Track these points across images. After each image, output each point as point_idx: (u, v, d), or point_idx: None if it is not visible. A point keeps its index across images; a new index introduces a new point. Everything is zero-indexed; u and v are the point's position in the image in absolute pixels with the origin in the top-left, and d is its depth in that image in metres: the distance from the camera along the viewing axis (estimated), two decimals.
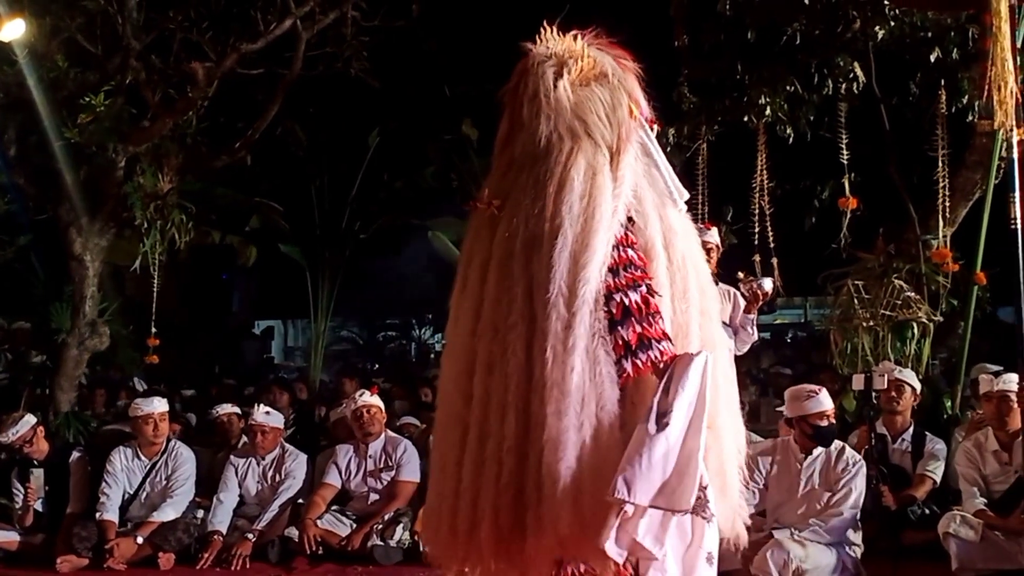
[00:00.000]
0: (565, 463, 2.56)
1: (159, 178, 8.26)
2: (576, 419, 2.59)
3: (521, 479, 2.64)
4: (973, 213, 7.71)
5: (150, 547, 6.27)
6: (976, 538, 5.30)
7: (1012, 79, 4.75)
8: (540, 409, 2.61)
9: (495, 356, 2.71)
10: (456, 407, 2.80)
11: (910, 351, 7.30)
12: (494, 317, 2.74)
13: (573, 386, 2.59)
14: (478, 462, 2.69)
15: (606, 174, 2.79)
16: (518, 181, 2.86)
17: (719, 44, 8.28)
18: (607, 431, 2.63)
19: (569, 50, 2.94)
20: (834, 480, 5.35)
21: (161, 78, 8.55)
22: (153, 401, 6.67)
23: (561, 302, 2.63)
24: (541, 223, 2.72)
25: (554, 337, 2.62)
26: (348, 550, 6.18)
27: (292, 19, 8.32)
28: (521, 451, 2.64)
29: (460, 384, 2.80)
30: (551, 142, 2.83)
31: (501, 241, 2.79)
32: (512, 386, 2.66)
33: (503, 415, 2.66)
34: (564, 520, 2.56)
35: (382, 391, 7.74)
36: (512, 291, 2.72)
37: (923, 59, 7.61)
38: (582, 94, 2.87)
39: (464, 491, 2.71)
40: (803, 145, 8.35)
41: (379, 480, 6.52)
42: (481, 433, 2.71)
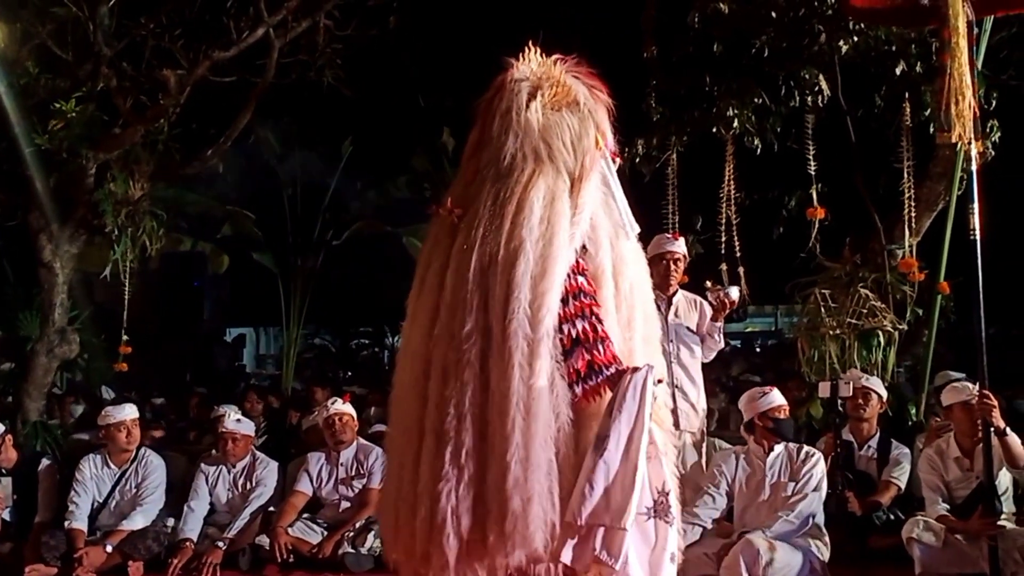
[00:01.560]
0: (535, 481, 2.63)
1: (130, 185, 8.23)
2: (543, 438, 2.66)
3: (480, 486, 2.70)
4: (937, 224, 7.85)
5: (119, 556, 6.22)
6: (939, 543, 5.38)
7: (969, 93, 4.87)
8: (500, 422, 2.67)
9: (450, 362, 2.77)
10: (413, 409, 2.86)
11: (876, 359, 7.41)
12: (450, 324, 2.80)
13: (541, 407, 2.67)
14: (436, 466, 2.73)
15: (565, 200, 2.86)
16: (480, 193, 2.92)
17: (688, 56, 8.37)
18: (565, 451, 2.72)
19: (547, 74, 3.02)
20: (796, 470, 5.46)
21: (133, 85, 8.52)
22: (124, 408, 6.63)
23: (526, 323, 2.70)
24: (498, 241, 2.79)
25: (521, 356, 2.68)
26: (319, 558, 6.17)
27: (265, 27, 8.32)
28: (480, 458, 2.70)
29: (417, 387, 2.86)
30: (515, 160, 2.90)
31: (459, 251, 2.86)
32: (469, 394, 2.73)
33: (460, 421, 2.72)
34: (538, 537, 2.63)
35: (356, 397, 7.76)
36: (468, 302, 2.78)
37: (888, 72, 7.74)
38: (552, 118, 2.95)
39: (422, 493, 2.75)
40: (771, 156, 8.45)
41: (351, 488, 6.53)
42: (438, 437, 2.75)
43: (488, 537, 2.68)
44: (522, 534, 2.63)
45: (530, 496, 2.63)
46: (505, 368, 2.69)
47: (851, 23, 7.44)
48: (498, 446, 2.67)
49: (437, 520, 2.71)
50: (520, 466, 2.63)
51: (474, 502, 2.70)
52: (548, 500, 2.66)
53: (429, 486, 2.74)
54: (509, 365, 2.68)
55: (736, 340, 22.48)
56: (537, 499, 2.63)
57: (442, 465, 2.72)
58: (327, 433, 6.60)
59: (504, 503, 2.64)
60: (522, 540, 2.63)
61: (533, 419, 2.66)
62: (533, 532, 2.63)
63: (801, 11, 7.76)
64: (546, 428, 2.67)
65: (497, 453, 2.67)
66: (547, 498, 2.66)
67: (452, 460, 2.71)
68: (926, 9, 5.30)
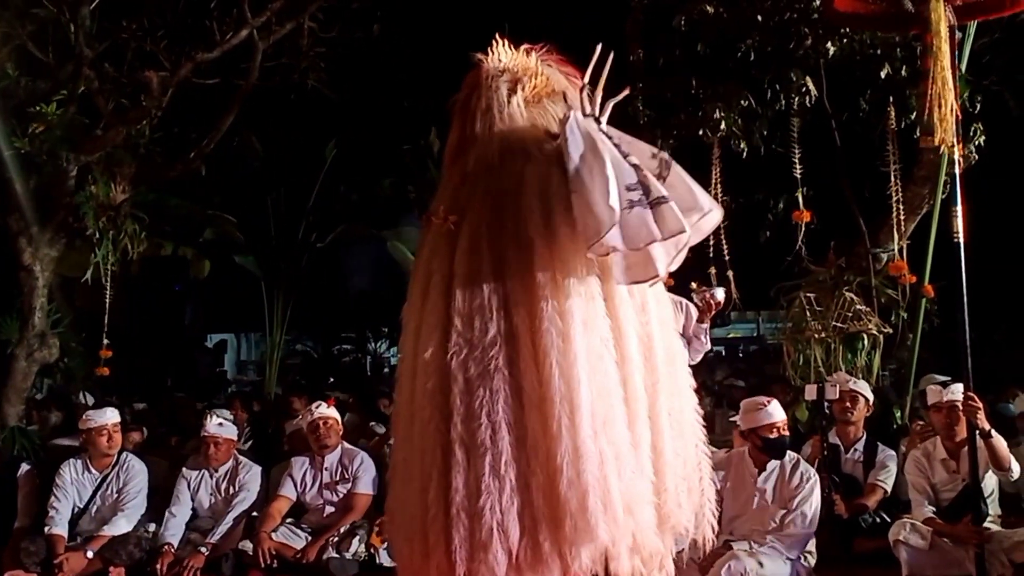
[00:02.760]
0: (588, 473, 2.57)
1: (111, 188, 8.16)
2: (590, 430, 2.59)
3: (525, 494, 2.62)
4: (921, 227, 7.88)
5: (100, 561, 6.14)
6: (925, 545, 5.38)
7: (952, 97, 4.89)
8: (543, 426, 2.61)
9: (473, 372, 2.68)
10: (434, 423, 2.73)
11: (861, 362, 7.42)
12: (468, 334, 2.70)
13: (583, 401, 2.60)
14: (472, 481, 2.64)
15: (559, 183, 2.80)
16: (474, 196, 2.85)
17: (674, 60, 8.39)
18: (617, 431, 2.65)
19: (523, 66, 2.96)
20: (788, 496, 5.37)
21: (114, 87, 8.45)
22: (106, 412, 6.55)
23: (557, 318, 2.64)
24: (505, 242, 2.73)
25: (557, 353, 2.62)
26: (303, 563, 6.11)
27: (248, 29, 8.27)
28: (521, 465, 2.63)
29: (436, 400, 2.73)
30: (504, 158, 2.84)
31: (463, 258, 2.77)
32: (500, 401, 2.65)
33: (495, 431, 2.63)
34: (601, 528, 2.56)
35: (340, 402, 7.71)
36: (484, 309, 2.70)
37: (873, 76, 7.78)
38: (535, 111, 2.90)
39: (459, 512, 2.64)
40: (757, 160, 8.47)
41: (335, 492, 6.47)
42: (469, 450, 2.65)
43: (542, 546, 2.60)
44: (584, 530, 2.56)
45: (585, 491, 2.55)
46: (541, 370, 2.62)
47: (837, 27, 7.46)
48: (543, 450, 2.60)
49: (480, 537, 2.60)
50: (571, 465, 2.56)
51: (519, 512, 2.61)
52: (604, 489, 2.58)
53: (467, 502, 2.63)
54: (546, 365, 2.62)
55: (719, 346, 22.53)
56: (592, 492, 2.56)
57: (479, 478, 2.62)
58: (311, 437, 6.54)
59: (559, 507, 2.57)
60: (586, 535, 2.56)
61: (577, 412, 2.59)
62: (595, 525, 2.55)
63: (787, 15, 7.79)
64: (591, 419, 2.60)
65: (543, 458, 2.60)
66: (602, 487, 2.58)
67: (491, 471, 2.61)
68: (909, 14, 5.33)
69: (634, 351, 2.75)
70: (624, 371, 2.71)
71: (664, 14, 8.22)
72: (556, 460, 2.57)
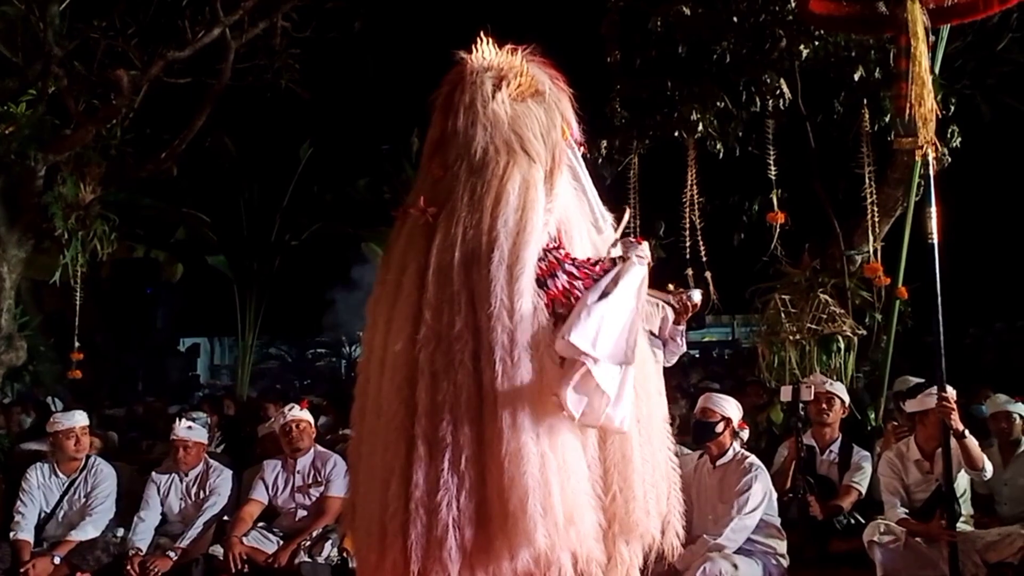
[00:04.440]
0: (529, 475, 2.55)
1: (81, 188, 8.05)
2: (532, 431, 2.57)
3: (483, 491, 2.60)
4: (895, 229, 7.91)
5: (67, 567, 6.03)
6: (899, 546, 5.40)
7: (930, 98, 4.91)
8: (493, 421, 2.59)
9: (439, 366, 2.66)
10: (396, 419, 2.71)
11: (835, 364, 7.44)
12: (436, 327, 2.69)
13: (525, 399, 2.59)
14: (432, 476, 2.61)
15: (540, 188, 2.80)
16: (454, 190, 2.83)
17: (650, 61, 8.39)
18: (563, 437, 2.63)
19: (509, 64, 2.95)
20: (734, 484, 5.34)
21: (84, 86, 8.35)
22: (74, 415, 6.44)
23: (504, 315, 2.62)
24: (479, 236, 2.71)
25: (502, 350, 2.60)
26: (275, 568, 6.00)
27: (221, 28, 8.19)
28: (480, 463, 2.60)
29: (403, 394, 2.71)
30: (487, 154, 2.82)
31: (439, 250, 2.75)
32: (464, 397, 2.63)
33: (457, 426, 2.61)
34: (539, 535, 2.54)
35: (314, 406, 7.64)
36: (454, 302, 2.68)
37: (847, 78, 7.80)
38: (519, 109, 2.88)
39: (417, 507, 2.62)
40: (732, 161, 8.48)
41: (307, 496, 6.38)
42: (432, 445, 2.63)
43: (493, 542, 2.58)
44: (523, 532, 2.54)
45: (525, 492, 2.54)
46: (492, 364, 2.60)
47: (812, 29, 7.48)
48: (495, 447, 2.58)
49: (436, 533, 2.59)
50: (513, 463, 2.55)
51: (476, 510, 2.60)
52: (545, 493, 2.56)
53: (426, 498, 2.61)
54: (492, 361, 2.60)
55: (694, 350, 22.63)
56: (532, 494, 2.54)
57: (439, 474, 2.60)
58: (284, 440, 6.45)
59: (504, 504, 2.55)
60: (524, 537, 2.54)
61: (519, 412, 2.58)
62: (533, 528, 2.53)
63: (762, 17, 7.81)
64: (534, 420, 2.58)
65: (495, 454, 2.58)
66: (543, 490, 2.56)
67: (451, 467, 2.59)
68: (883, 16, 5.36)
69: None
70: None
71: (640, 15, 8.22)
72: (499, 458, 2.56)
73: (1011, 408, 6.13)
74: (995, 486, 5.98)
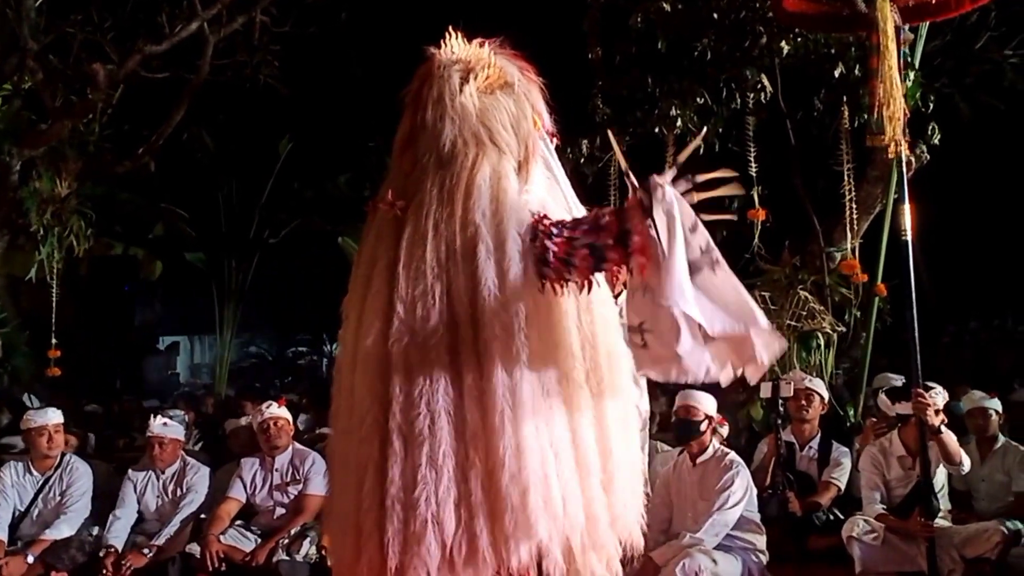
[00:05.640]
0: (530, 470, 2.52)
1: (57, 183, 7.98)
2: (533, 425, 2.55)
3: (462, 487, 2.56)
4: (874, 226, 7.94)
5: (42, 566, 5.95)
6: (878, 542, 5.41)
7: (900, 96, 4.93)
8: (484, 417, 2.56)
9: (414, 360, 2.62)
10: (372, 413, 2.67)
11: (815, 361, 7.45)
12: (410, 321, 2.64)
13: (527, 394, 2.56)
14: (408, 471, 2.57)
15: (512, 178, 2.76)
16: (422, 184, 2.79)
17: (631, 57, 8.39)
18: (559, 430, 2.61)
19: (476, 57, 2.92)
20: (715, 481, 5.36)
21: (61, 81, 8.27)
22: (47, 412, 6.37)
23: (500, 309, 2.59)
24: (452, 230, 2.67)
25: (499, 344, 2.57)
26: (253, 566, 5.94)
27: (199, 22, 8.14)
28: (459, 456, 2.57)
29: (375, 390, 2.67)
30: (456, 147, 2.79)
31: (409, 244, 2.71)
32: (441, 391, 2.59)
33: (434, 420, 2.57)
34: (541, 525, 2.52)
35: (293, 404, 7.60)
36: (428, 296, 2.64)
37: (827, 75, 7.81)
38: (487, 101, 2.85)
39: (394, 502, 2.57)
40: (712, 158, 8.48)
41: (285, 494, 6.33)
42: (407, 440, 2.59)
43: (478, 539, 2.54)
44: (524, 526, 2.51)
45: (526, 486, 2.51)
46: (482, 360, 2.57)
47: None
48: (483, 442, 2.54)
49: (414, 528, 2.53)
50: (514, 459, 2.51)
51: (456, 504, 2.55)
52: (545, 486, 2.54)
53: (402, 495, 2.56)
54: (487, 356, 2.57)
55: None
56: (534, 488, 2.51)
57: (416, 469, 2.55)
58: (262, 438, 6.40)
59: (499, 501, 2.51)
60: (525, 532, 2.51)
61: (520, 406, 2.54)
62: (535, 521, 2.50)
63: (742, 13, 7.82)
64: (534, 414, 2.56)
65: (483, 450, 2.54)
66: (543, 484, 2.54)
67: (428, 462, 2.54)
68: (855, 15, 5.37)
69: (576, 346, 2.70)
70: (566, 365, 2.67)
71: (621, 12, 8.22)
72: (498, 453, 2.52)
73: (987, 404, 6.16)
74: (972, 482, 6.01)
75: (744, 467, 5.49)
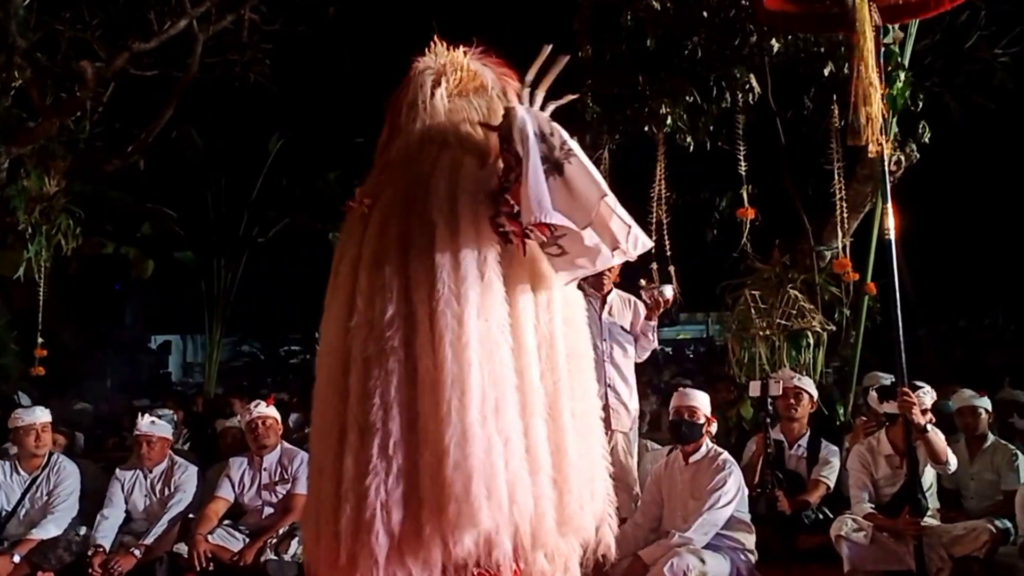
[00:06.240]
0: (475, 458, 2.52)
1: (45, 181, 7.93)
2: (479, 413, 2.55)
3: (412, 477, 2.58)
4: (864, 225, 7.94)
5: (28, 566, 5.93)
6: (866, 541, 5.41)
7: (877, 96, 4.93)
8: (434, 408, 2.56)
9: (371, 352, 2.66)
10: (331, 407, 2.72)
11: (805, 360, 7.45)
12: (369, 314, 2.69)
13: (474, 383, 2.56)
14: (362, 461, 2.60)
15: (471, 173, 2.79)
16: (389, 182, 2.87)
17: (621, 55, 8.38)
18: (508, 419, 2.60)
19: (450, 61, 3.00)
20: (707, 481, 5.37)
21: (50, 78, 8.23)
22: (35, 411, 6.35)
23: (453, 301, 2.61)
24: (412, 225, 2.72)
25: (451, 335, 2.58)
26: (241, 566, 5.93)
27: (188, 20, 8.10)
28: (410, 447, 2.59)
29: (334, 383, 2.73)
30: (423, 147, 2.86)
31: (369, 240, 2.78)
32: (394, 382, 2.62)
33: (387, 411, 2.60)
34: (484, 514, 2.51)
35: (282, 403, 7.57)
36: (385, 289, 2.69)
37: (817, 74, 7.81)
38: (458, 103, 2.93)
39: (347, 491, 2.61)
40: (702, 157, 8.48)
41: (274, 493, 6.32)
42: (363, 431, 2.63)
43: (424, 529, 2.56)
44: (468, 515, 2.51)
45: (470, 475, 2.51)
46: (436, 353, 2.59)
47: None
48: (433, 432, 2.56)
49: (364, 517, 2.57)
50: (458, 448, 2.52)
51: (404, 494, 2.58)
52: (490, 475, 2.54)
53: (355, 483, 2.60)
54: (440, 348, 2.58)
55: (668, 346, 22.69)
56: (477, 476, 2.52)
57: (368, 459, 2.58)
58: (250, 437, 6.39)
59: (444, 489, 2.52)
60: (469, 520, 2.51)
61: (467, 396, 2.55)
62: (478, 510, 2.51)
63: (732, 12, 7.81)
64: (481, 404, 2.56)
65: (432, 440, 2.56)
66: (488, 473, 2.54)
67: (380, 452, 2.58)
68: (837, 15, 5.36)
69: (531, 343, 2.72)
70: (521, 361, 2.67)
71: (611, 10, 8.21)
72: (444, 442, 2.53)
73: (977, 403, 6.17)
74: (962, 480, 6.02)
75: (736, 467, 5.50)
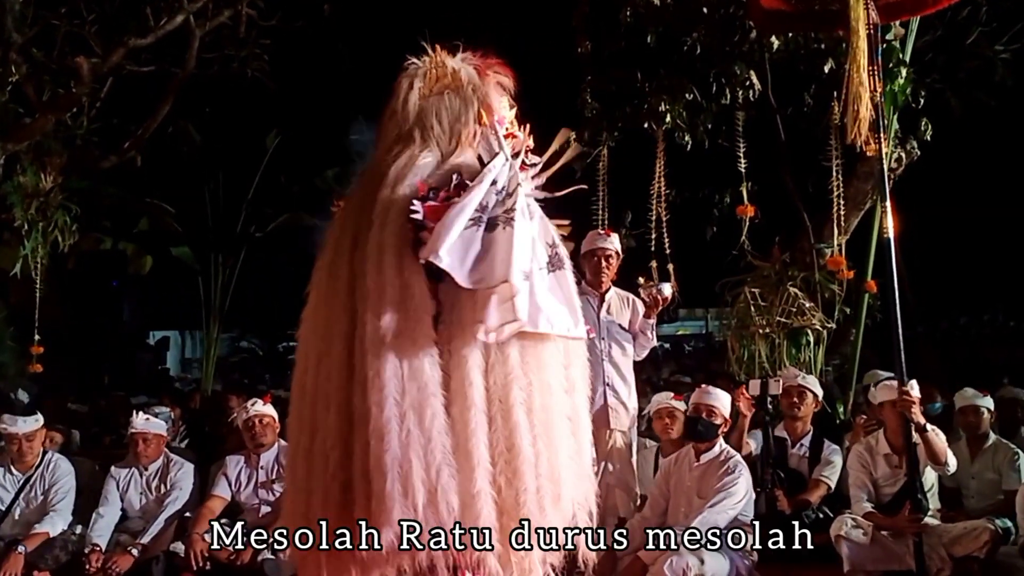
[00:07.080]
0: (391, 454, 2.53)
1: (41, 177, 7.90)
2: (397, 409, 2.55)
3: (347, 472, 2.61)
4: (864, 223, 7.91)
5: (25, 566, 5.86)
6: (866, 540, 5.38)
7: (867, 95, 4.90)
8: (362, 402, 2.59)
9: (322, 351, 2.73)
10: (296, 404, 2.82)
11: (805, 358, 7.42)
12: (323, 313, 2.77)
13: (389, 376, 2.57)
14: (309, 457, 2.69)
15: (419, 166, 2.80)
16: (359, 184, 2.95)
17: (620, 52, 8.35)
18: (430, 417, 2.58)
19: (428, 61, 3.00)
20: (715, 481, 5.35)
21: (46, 74, 8.20)
22: (18, 422, 6.19)
23: (374, 297, 2.63)
24: (363, 219, 2.75)
25: (372, 329, 2.60)
26: (237, 565, 5.90)
27: (184, 15, 8.06)
28: (345, 444, 2.62)
29: (299, 381, 2.82)
30: (395, 145, 2.89)
31: (332, 240, 2.85)
32: (335, 380, 2.66)
33: (328, 409, 2.66)
34: (396, 512, 2.51)
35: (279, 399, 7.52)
36: (336, 287, 2.74)
37: (817, 71, 7.78)
38: (431, 101, 2.93)
39: (299, 489, 2.71)
40: (701, 154, 8.45)
41: (271, 492, 6.28)
42: (311, 428, 2.70)
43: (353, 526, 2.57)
44: (385, 511, 2.52)
45: (385, 471, 2.53)
46: (363, 346, 2.61)
47: None
48: (359, 429, 2.59)
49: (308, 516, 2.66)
50: (378, 443, 2.55)
51: (340, 491, 2.62)
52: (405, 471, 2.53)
53: (301, 483, 2.71)
54: (365, 344, 2.61)
55: (667, 343, 22.65)
56: (391, 472, 2.53)
57: (311, 458, 2.68)
58: (247, 435, 6.36)
59: (369, 485, 2.55)
60: (385, 517, 2.52)
61: (387, 391, 2.56)
62: (391, 507, 2.51)
63: (732, 8, 7.78)
64: (399, 399, 2.57)
65: (359, 437, 2.59)
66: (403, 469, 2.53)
67: (320, 451, 2.66)
68: (833, 13, 5.33)
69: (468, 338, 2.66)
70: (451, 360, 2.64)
71: (610, 6, 8.17)
72: (366, 439, 2.56)
73: (979, 402, 6.14)
74: (963, 480, 5.99)
75: (747, 471, 5.48)
